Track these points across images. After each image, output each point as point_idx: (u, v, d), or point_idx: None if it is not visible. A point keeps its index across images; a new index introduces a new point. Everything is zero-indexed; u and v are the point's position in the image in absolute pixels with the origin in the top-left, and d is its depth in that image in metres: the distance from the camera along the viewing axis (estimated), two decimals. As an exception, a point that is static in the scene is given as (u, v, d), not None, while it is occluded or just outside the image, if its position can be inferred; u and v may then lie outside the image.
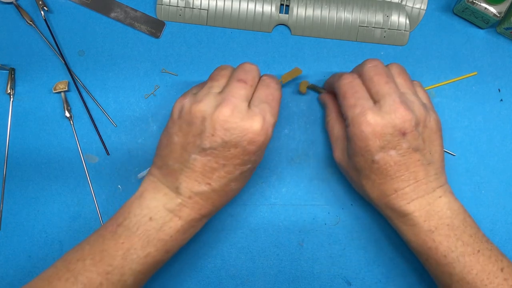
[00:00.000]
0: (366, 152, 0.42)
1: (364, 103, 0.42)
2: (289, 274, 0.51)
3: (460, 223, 0.43)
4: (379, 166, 0.42)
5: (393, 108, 0.41)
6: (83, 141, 0.53)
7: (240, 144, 0.40)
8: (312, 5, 0.54)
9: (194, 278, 0.51)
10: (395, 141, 0.41)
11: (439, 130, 0.45)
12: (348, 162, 0.45)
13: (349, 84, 0.44)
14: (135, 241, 0.41)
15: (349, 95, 0.43)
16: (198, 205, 0.42)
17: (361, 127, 0.41)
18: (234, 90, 0.41)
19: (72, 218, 0.52)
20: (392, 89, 0.42)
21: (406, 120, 0.41)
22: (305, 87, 0.52)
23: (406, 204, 0.43)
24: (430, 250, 0.43)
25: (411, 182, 0.43)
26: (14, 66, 0.54)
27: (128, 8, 0.55)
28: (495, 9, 0.51)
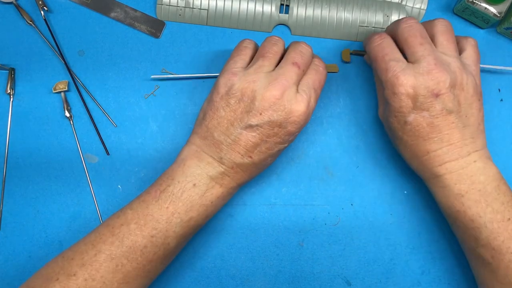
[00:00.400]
0: (399, 113, 0.43)
1: (395, 65, 0.42)
2: (289, 274, 0.51)
3: (492, 190, 0.43)
4: (412, 127, 0.43)
5: (426, 69, 0.42)
6: (83, 141, 0.53)
7: (284, 125, 0.43)
8: (312, 5, 0.54)
9: (194, 278, 0.51)
10: (427, 102, 0.42)
11: (477, 94, 0.44)
12: (385, 123, 0.47)
13: (378, 46, 0.44)
14: (179, 206, 0.43)
15: (379, 58, 0.44)
16: (238, 175, 0.45)
17: (394, 89, 0.42)
18: (287, 73, 0.43)
19: (72, 218, 0.52)
20: (427, 51, 0.42)
21: (440, 81, 0.41)
22: (348, 55, 0.53)
23: (437, 166, 0.43)
24: (458, 214, 0.43)
25: (444, 144, 0.43)
26: (14, 66, 0.54)
27: (128, 8, 0.55)
28: (495, 9, 0.51)
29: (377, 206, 0.52)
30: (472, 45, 0.46)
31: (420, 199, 0.52)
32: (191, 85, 0.54)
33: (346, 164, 0.53)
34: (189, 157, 0.45)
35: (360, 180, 0.53)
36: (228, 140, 0.43)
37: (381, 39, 0.45)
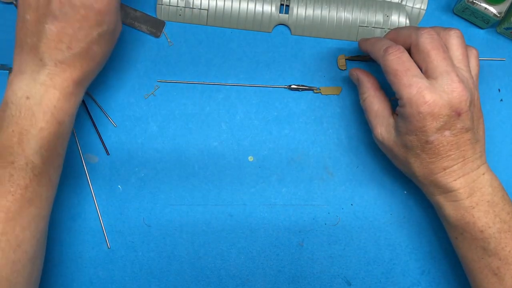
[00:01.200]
0: (421, 132, 0.42)
1: (420, 82, 0.41)
2: (289, 274, 0.51)
3: (499, 200, 0.43)
4: (432, 146, 0.42)
5: (451, 87, 0.41)
6: (83, 141, 0.53)
7: (87, 4, 0.40)
8: (312, 5, 0.54)
9: (194, 278, 0.51)
10: (451, 121, 0.41)
11: (480, 107, 0.45)
12: (396, 140, 0.45)
13: (398, 60, 0.42)
14: (23, 124, 0.41)
15: (401, 73, 0.42)
16: (67, 72, 0.42)
17: (419, 108, 0.41)
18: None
19: (72, 218, 0.52)
20: (450, 67, 0.42)
21: (463, 100, 0.41)
22: (344, 62, 0.53)
23: (452, 181, 0.43)
24: (467, 225, 0.43)
25: (459, 160, 0.43)
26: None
27: (128, 8, 0.55)
28: (495, 9, 0.51)
29: (377, 206, 0.52)
30: (475, 56, 0.46)
31: (420, 199, 0.52)
32: (191, 85, 0.54)
33: (346, 164, 0.53)
34: (14, 75, 0.43)
35: (360, 180, 0.53)
36: (41, 41, 0.41)
37: (400, 52, 0.43)
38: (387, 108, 0.47)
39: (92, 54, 0.43)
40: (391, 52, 0.43)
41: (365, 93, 0.48)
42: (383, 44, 0.44)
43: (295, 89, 0.54)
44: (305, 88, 0.54)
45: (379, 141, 0.47)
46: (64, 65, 0.42)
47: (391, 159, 0.48)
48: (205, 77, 0.54)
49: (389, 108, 0.47)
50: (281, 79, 0.54)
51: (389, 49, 0.43)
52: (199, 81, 0.54)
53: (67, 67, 0.42)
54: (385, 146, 0.46)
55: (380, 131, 0.46)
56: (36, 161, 0.41)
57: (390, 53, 0.43)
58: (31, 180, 0.41)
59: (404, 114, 0.42)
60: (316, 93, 0.54)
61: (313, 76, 0.54)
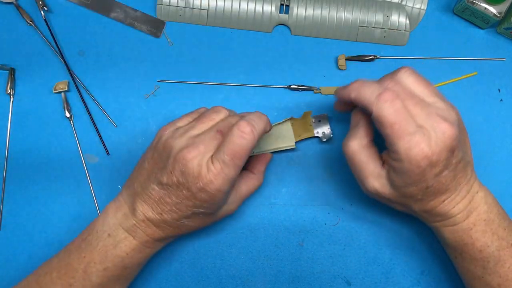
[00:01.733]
0: (421, 182, 0.40)
1: (417, 136, 0.39)
2: (289, 274, 0.51)
3: (495, 217, 0.43)
4: (433, 189, 0.41)
5: (440, 129, 0.39)
6: (83, 141, 0.53)
7: (192, 189, 0.41)
8: (312, 5, 0.54)
9: (194, 278, 0.51)
10: (447, 162, 0.40)
11: (463, 124, 0.44)
12: (391, 191, 0.43)
13: (394, 110, 0.39)
14: (94, 256, 0.43)
15: (398, 127, 0.39)
16: (150, 230, 0.44)
17: (419, 163, 0.39)
18: (208, 140, 0.42)
19: (72, 218, 0.52)
20: (427, 109, 0.40)
21: (455, 137, 0.40)
22: (344, 61, 0.52)
23: (452, 208, 0.42)
24: (466, 246, 0.43)
25: (456, 188, 0.42)
26: (14, 66, 0.54)
27: (128, 8, 0.55)
28: (495, 9, 0.51)
29: (377, 206, 0.52)
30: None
31: (420, 199, 0.52)
32: (191, 85, 0.54)
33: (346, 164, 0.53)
34: (110, 207, 0.45)
35: (360, 180, 0.53)
36: (142, 193, 0.43)
37: (395, 98, 0.39)
38: (376, 158, 0.43)
39: (180, 225, 0.44)
40: (386, 100, 0.39)
41: (354, 140, 0.44)
42: (373, 89, 0.40)
43: (295, 89, 0.54)
44: (305, 88, 0.54)
45: (371, 193, 0.44)
46: (150, 223, 0.43)
47: (383, 203, 0.46)
48: (205, 77, 0.54)
49: (377, 157, 0.43)
50: (281, 79, 0.54)
51: (382, 96, 0.39)
52: (199, 81, 0.54)
53: (152, 226, 0.44)
54: (379, 196, 0.44)
55: (372, 184, 0.43)
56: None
57: (385, 102, 0.39)
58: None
59: (400, 169, 0.40)
60: (316, 93, 0.54)
61: (313, 76, 0.54)
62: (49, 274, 0.43)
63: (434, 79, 0.54)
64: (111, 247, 0.43)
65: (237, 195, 0.47)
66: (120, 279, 0.44)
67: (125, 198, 0.45)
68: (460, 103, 0.54)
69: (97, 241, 0.43)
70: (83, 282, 0.43)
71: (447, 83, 0.54)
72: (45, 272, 0.44)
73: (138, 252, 0.44)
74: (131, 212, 0.43)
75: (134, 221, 0.43)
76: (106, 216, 0.44)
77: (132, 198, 0.44)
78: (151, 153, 0.44)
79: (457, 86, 0.54)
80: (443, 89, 0.54)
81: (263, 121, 0.43)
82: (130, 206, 0.44)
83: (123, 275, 0.44)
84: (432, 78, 0.54)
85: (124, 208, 0.44)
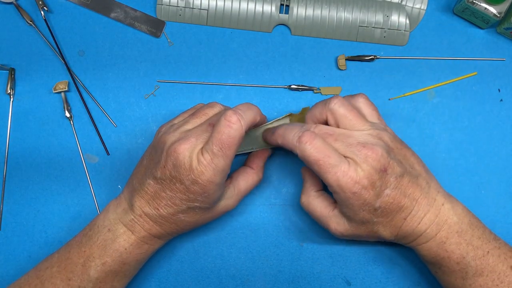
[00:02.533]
0: (365, 206, 0.42)
1: (342, 166, 0.41)
2: (289, 274, 0.51)
3: (467, 227, 0.43)
4: (383, 209, 0.42)
5: (362, 154, 0.41)
6: (83, 141, 0.53)
7: (184, 182, 0.41)
8: (312, 5, 0.54)
9: (194, 278, 0.51)
10: (384, 181, 0.41)
11: (401, 142, 0.45)
12: (351, 225, 0.44)
13: (315, 149, 0.41)
14: (94, 250, 0.43)
15: (323, 162, 0.41)
16: (148, 225, 0.44)
17: (352, 189, 0.41)
18: (200, 133, 0.42)
19: (72, 218, 0.52)
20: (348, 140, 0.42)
21: (379, 157, 0.41)
22: (344, 61, 0.53)
23: (417, 225, 0.43)
24: (443, 260, 0.43)
25: (413, 204, 0.42)
26: (14, 66, 0.54)
27: (128, 8, 0.55)
28: (495, 9, 0.51)
29: (377, 206, 0.52)
30: (363, 102, 0.46)
31: (420, 199, 0.52)
32: (191, 85, 0.54)
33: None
34: (112, 204, 0.46)
35: (360, 180, 0.53)
36: (139, 188, 0.44)
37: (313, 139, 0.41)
38: (329, 204, 0.46)
39: (176, 220, 0.44)
40: (305, 141, 0.41)
41: (304, 195, 0.48)
42: (294, 133, 0.43)
43: (295, 89, 0.54)
44: (305, 88, 0.54)
45: (339, 235, 0.46)
46: (147, 218, 0.44)
47: (359, 240, 0.48)
48: (205, 77, 0.54)
49: (331, 203, 0.46)
50: (281, 79, 0.54)
51: (302, 139, 0.42)
52: (199, 81, 0.54)
53: (149, 221, 0.44)
54: (347, 236, 0.46)
55: (334, 228, 0.45)
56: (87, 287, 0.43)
57: (305, 143, 0.41)
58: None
59: (340, 200, 0.42)
60: (316, 93, 0.54)
61: (313, 76, 0.54)
62: (50, 269, 0.44)
63: (434, 79, 0.54)
64: (110, 242, 0.43)
65: (235, 190, 0.47)
66: (118, 275, 0.44)
67: (125, 195, 0.45)
68: (460, 103, 0.54)
69: (97, 235, 0.44)
70: (81, 277, 0.43)
71: (447, 83, 0.54)
72: (45, 267, 0.44)
73: (137, 248, 0.44)
74: (130, 207, 0.44)
75: (132, 216, 0.44)
76: (107, 212, 0.45)
77: (130, 194, 0.45)
78: (149, 150, 0.45)
79: (457, 86, 0.54)
80: (443, 89, 0.54)
81: (252, 111, 0.43)
82: (129, 202, 0.44)
83: (121, 271, 0.44)
84: (432, 78, 0.54)
85: (123, 204, 0.45)
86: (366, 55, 0.54)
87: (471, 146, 0.53)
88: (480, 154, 0.53)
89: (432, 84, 0.54)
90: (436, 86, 0.54)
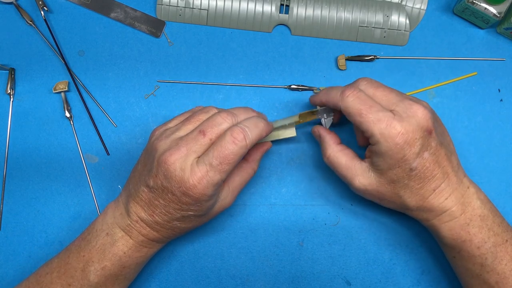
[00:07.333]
0: (403, 162, 0.41)
1: (387, 115, 0.41)
2: (289, 274, 0.51)
3: (489, 213, 0.43)
4: (417, 172, 0.42)
5: (412, 111, 0.41)
6: (83, 141, 0.53)
7: (176, 194, 0.41)
8: (312, 5, 0.54)
9: (194, 278, 0.51)
10: (426, 142, 0.41)
11: (441, 121, 0.46)
12: (379, 180, 0.44)
13: (358, 100, 0.42)
14: (93, 254, 0.43)
15: (365, 111, 0.41)
16: (144, 230, 0.44)
17: (395, 139, 0.40)
18: (191, 141, 0.41)
19: (72, 218, 0.52)
20: (399, 96, 0.42)
21: (428, 118, 0.41)
22: (344, 61, 0.53)
23: (444, 200, 0.43)
24: (464, 243, 0.43)
25: (444, 177, 0.43)
26: (14, 66, 0.54)
27: (128, 8, 0.55)
28: (495, 9, 0.51)
29: (377, 206, 0.52)
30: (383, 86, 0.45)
31: (420, 199, 0.52)
32: (191, 85, 0.54)
33: (346, 164, 0.53)
34: (110, 207, 0.45)
35: (360, 180, 0.53)
36: (135, 194, 0.43)
37: (358, 92, 0.42)
38: (354, 157, 0.46)
39: (172, 226, 0.44)
40: (348, 94, 0.43)
41: (328, 150, 0.47)
42: (337, 89, 0.44)
43: (295, 89, 0.54)
44: (305, 88, 0.54)
45: (362, 190, 0.45)
46: (143, 224, 0.43)
47: (378, 202, 0.47)
48: (205, 77, 0.54)
49: (356, 156, 0.46)
50: (281, 79, 0.54)
51: (346, 92, 0.43)
52: (199, 81, 0.54)
53: (146, 226, 0.44)
54: (370, 192, 0.45)
55: (359, 180, 0.45)
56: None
57: (348, 95, 0.43)
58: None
59: (380, 151, 0.42)
60: (316, 93, 0.54)
61: (313, 76, 0.54)
62: (50, 274, 0.44)
63: (434, 79, 0.54)
64: (109, 246, 0.43)
65: (230, 189, 0.46)
66: (118, 279, 0.44)
67: (122, 198, 0.45)
68: (460, 103, 0.54)
69: (96, 239, 0.44)
70: (81, 282, 0.43)
71: (447, 83, 0.54)
72: (45, 272, 0.44)
73: (136, 251, 0.44)
74: (126, 212, 0.44)
75: (129, 221, 0.43)
76: (105, 215, 0.45)
77: (127, 199, 0.44)
78: (143, 155, 0.45)
79: (457, 86, 0.54)
80: (443, 89, 0.54)
81: (258, 129, 0.42)
82: (125, 207, 0.44)
83: (121, 275, 0.44)
84: (432, 78, 0.54)
85: (121, 208, 0.45)
86: (366, 55, 0.54)
87: (471, 146, 0.53)
88: (480, 154, 0.53)
89: (432, 84, 0.54)
90: (436, 86, 0.54)
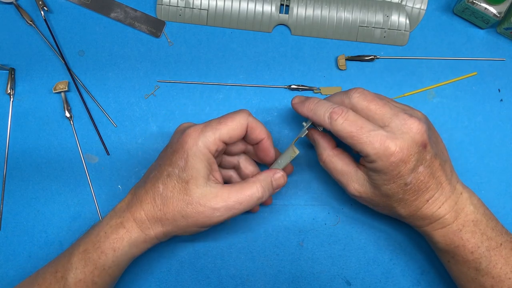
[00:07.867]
0: (398, 178, 0.41)
1: (379, 134, 0.40)
2: (289, 274, 0.51)
3: (482, 217, 0.43)
4: (412, 186, 0.42)
5: (406, 126, 0.41)
6: (83, 141, 0.53)
7: (173, 146, 0.44)
8: (312, 5, 0.54)
9: (194, 278, 0.51)
10: (421, 157, 0.41)
11: (434, 127, 0.46)
12: (373, 191, 0.44)
13: (348, 122, 0.41)
14: (79, 241, 0.45)
15: (357, 133, 0.41)
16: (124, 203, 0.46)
17: (390, 159, 0.40)
18: None
19: (72, 218, 0.52)
20: (393, 109, 0.42)
21: (423, 132, 0.41)
22: (344, 61, 0.53)
23: (437, 209, 0.43)
24: (457, 249, 0.43)
25: (438, 187, 0.43)
26: (14, 66, 0.54)
27: (128, 8, 0.55)
28: (495, 9, 0.51)
29: (377, 206, 0.52)
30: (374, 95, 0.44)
31: (420, 199, 0.52)
32: (191, 85, 0.54)
33: (346, 164, 0.53)
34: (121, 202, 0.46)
35: (360, 180, 0.53)
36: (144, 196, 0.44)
37: (345, 113, 0.41)
38: (351, 163, 0.45)
39: (155, 195, 0.44)
40: (337, 118, 0.41)
41: (323, 154, 0.46)
42: (323, 108, 0.43)
43: (295, 89, 0.54)
44: (305, 88, 0.54)
45: (356, 196, 0.45)
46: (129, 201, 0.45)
47: (372, 207, 0.47)
48: (205, 77, 0.54)
49: (352, 162, 0.45)
50: (281, 79, 0.54)
51: (333, 115, 0.42)
52: (199, 81, 0.54)
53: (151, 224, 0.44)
54: (364, 198, 0.45)
55: (354, 187, 0.44)
56: (70, 279, 0.43)
57: (336, 119, 0.41)
58: None
59: (376, 169, 0.41)
60: (316, 93, 0.54)
61: (313, 76, 0.54)
62: (45, 267, 0.45)
63: (434, 79, 0.54)
64: (91, 231, 0.45)
65: (226, 193, 0.43)
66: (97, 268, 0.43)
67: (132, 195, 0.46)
68: (460, 103, 0.54)
69: (88, 231, 0.45)
70: (65, 266, 0.43)
71: (447, 83, 0.54)
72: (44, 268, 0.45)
73: (114, 233, 0.44)
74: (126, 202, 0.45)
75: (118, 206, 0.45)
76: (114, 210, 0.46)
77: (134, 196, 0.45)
78: (162, 155, 0.46)
79: (457, 86, 0.54)
80: (443, 89, 0.54)
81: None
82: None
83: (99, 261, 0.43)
84: (432, 78, 0.54)
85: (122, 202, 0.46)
86: (366, 55, 0.54)
87: (471, 146, 0.53)
88: (480, 154, 0.53)
89: (432, 84, 0.54)
90: (436, 86, 0.54)
